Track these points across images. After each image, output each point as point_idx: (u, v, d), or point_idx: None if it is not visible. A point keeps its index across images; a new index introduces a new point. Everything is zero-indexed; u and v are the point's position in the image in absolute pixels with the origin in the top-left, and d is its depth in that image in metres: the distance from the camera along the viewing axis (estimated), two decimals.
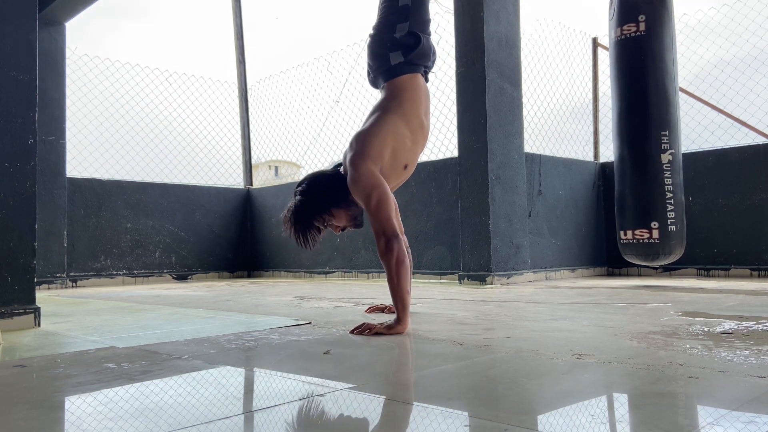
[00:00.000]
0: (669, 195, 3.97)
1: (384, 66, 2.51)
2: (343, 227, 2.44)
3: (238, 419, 1.12)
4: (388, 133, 2.39)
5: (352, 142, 2.41)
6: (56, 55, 5.98)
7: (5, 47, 2.50)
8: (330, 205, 2.36)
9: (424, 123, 2.54)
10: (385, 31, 2.53)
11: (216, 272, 7.06)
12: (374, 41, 2.57)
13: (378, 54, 2.53)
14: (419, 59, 2.51)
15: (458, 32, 4.91)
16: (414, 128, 2.48)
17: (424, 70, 2.58)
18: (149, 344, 1.99)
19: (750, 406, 1.11)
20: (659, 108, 4.00)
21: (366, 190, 2.26)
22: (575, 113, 6.24)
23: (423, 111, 2.53)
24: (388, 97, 2.49)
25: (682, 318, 2.34)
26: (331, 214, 2.38)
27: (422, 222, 5.38)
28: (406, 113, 2.45)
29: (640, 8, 4.02)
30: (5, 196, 2.45)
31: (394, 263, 2.18)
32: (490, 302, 3.17)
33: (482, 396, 1.24)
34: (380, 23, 2.57)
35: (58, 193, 5.89)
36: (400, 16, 2.51)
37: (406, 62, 2.48)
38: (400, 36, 2.49)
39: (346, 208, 2.38)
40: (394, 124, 2.41)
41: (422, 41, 2.51)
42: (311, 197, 2.36)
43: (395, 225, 2.24)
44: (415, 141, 2.50)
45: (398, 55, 2.48)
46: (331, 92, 7.00)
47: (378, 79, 2.56)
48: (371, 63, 2.57)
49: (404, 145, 2.43)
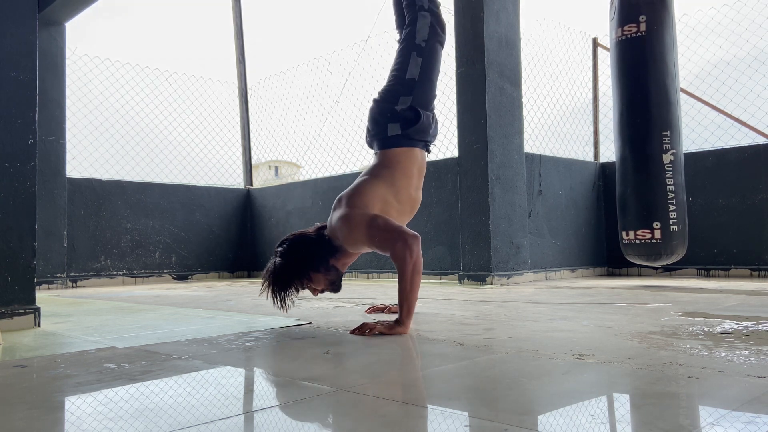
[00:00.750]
0: (671, 195, 3.97)
1: (381, 134, 2.51)
2: (321, 290, 2.41)
3: (238, 419, 1.12)
4: (376, 197, 2.38)
5: (337, 203, 2.40)
6: (56, 55, 5.98)
7: (5, 47, 2.50)
8: (310, 268, 2.32)
9: (413, 197, 2.53)
10: (388, 100, 2.53)
11: (216, 272, 7.06)
12: (376, 108, 2.56)
13: (377, 121, 2.53)
14: (417, 134, 2.50)
15: (458, 32, 4.91)
16: (402, 200, 2.47)
17: (424, 144, 2.58)
18: (149, 344, 1.99)
19: (750, 406, 1.10)
20: (660, 108, 4.00)
21: (363, 227, 2.25)
22: (575, 113, 6.24)
23: (414, 185, 2.53)
24: (380, 165, 2.49)
25: (683, 318, 2.34)
26: (310, 278, 2.34)
27: (422, 222, 5.38)
28: (395, 185, 2.44)
29: (640, 9, 4.02)
30: (5, 197, 2.45)
31: (410, 269, 2.14)
32: (490, 302, 3.17)
33: (482, 396, 1.24)
34: (385, 91, 2.57)
35: (58, 193, 5.89)
36: (404, 88, 2.51)
37: (403, 135, 2.48)
38: (400, 109, 2.49)
39: (326, 273, 2.35)
40: (382, 191, 2.41)
41: (422, 118, 2.49)
42: (292, 261, 2.32)
43: (407, 229, 2.23)
44: (402, 212, 2.49)
45: (396, 127, 2.48)
46: (331, 92, 7.00)
47: (374, 143, 2.57)
48: (370, 127, 2.58)
49: (390, 214, 2.40)
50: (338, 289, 2.42)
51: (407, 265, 2.14)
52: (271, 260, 2.37)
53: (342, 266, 2.43)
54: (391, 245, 2.19)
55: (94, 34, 46.64)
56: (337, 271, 2.39)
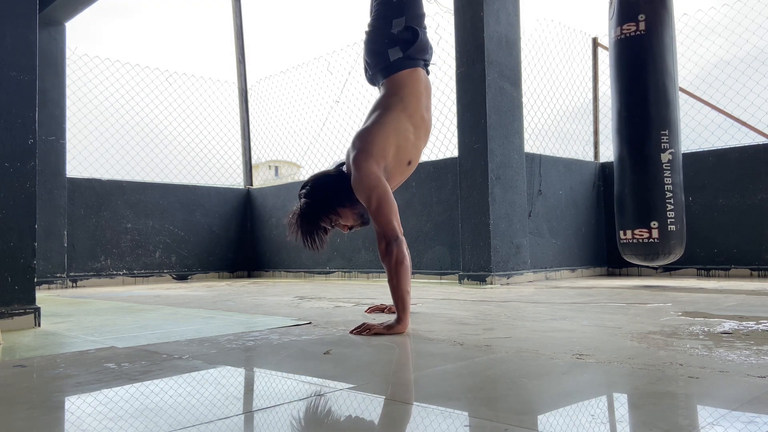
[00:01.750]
0: (669, 195, 3.97)
1: (383, 62, 2.49)
2: (350, 226, 2.43)
3: (238, 419, 1.12)
4: (391, 130, 2.38)
5: (355, 140, 2.39)
6: (56, 55, 5.98)
7: (5, 47, 2.50)
8: (336, 204, 2.34)
9: (425, 117, 2.52)
10: (382, 26, 2.51)
11: (216, 272, 7.06)
12: (371, 38, 2.55)
13: (376, 51, 2.51)
14: (418, 53, 2.50)
15: (458, 32, 4.91)
16: (416, 123, 2.47)
17: (424, 64, 2.56)
18: (149, 344, 1.99)
19: (750, 406, 1.11)
20: (659, 108, 4.00)
21: (367, 191, 2.25)
22: (575, 113, 6.24)
23: (424, 105, 2.52)
24: (388, 94, 2.47)
25: (682, 318, 2.34)
26: (338, 214, 2.36)
27: (422, 222, 5.38)
28: (407, 109, 2.43)
29: (640, 8, 4.02)
30: (5, 196, 2.45)
31: (393, 264, 2.18)
32: (490, 302, 3.17)
33: (482, 396, 1.24)
34: (376, 19, 2.55)
35: (58, 193, 5.89)
36: (395, 11, 2.50)
37: (405, 57, 2.46)
38: (397, 31, 2.47)
39: (352, 207, 2.36)
40: (396, 120, 2.40)
41: (420, 35, 2.49)
42: (317, 198, 2.34)
43: (396, 227, 2.23)
44: (418, 136, 2.49)
45: (397, 50, 2.46)
46: (331, 92, 7.00)
47: (377, 76, 2.54)
48: (369, 60, 2.55)
49: (407, 141, 2.42)
50: (368, 221, 2.41)
51: (390, 263, 2.19)
52: (296, 204, 2.38)
53: None
54: (377, 236, 2.24)
55: (94, 34, 46.14)
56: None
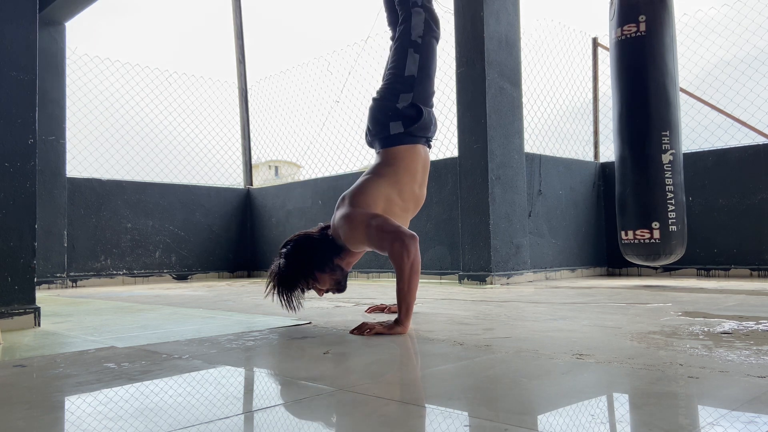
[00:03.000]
0: (670, 195, 3.97)
1: (383, 133, 2.50)
2: (326, 290, 2.40)
3: (238, 419, 1.12)
4: (379, 196, 2.38)
5: (340, 203, 2.40)
6: (56, 55, 5.98)
7: (5, 47, 2.50)
8: (315, 268, 2.31)
9: (417, 194, 2.53)
10: (388, 98, 2.51)
11: (216, 272, 7.06)
12: (376, 107, 2.55)
13: (378, 120, 2.52)
14: (419, 131, 2.50)
15: (458, 32, 4.91)
16: (406, 198, 2.47)
17: (426, 141, 2.57)
18: (149, 344, 1.99)
19: (750, 406, 1.11)
20: (660, 108, 4.00)
21: (363, 227, 2.24)
22: (575, 113, 6.24)
23: (418, 182, 2.52)
24: (383, 164, 2.48)
25: (682, 318, 2.34)
26: (315, 279, 2.33)
27: (422, 222, 5.38)
28: (399, 183, 2.44)
29: (640, 8, 4.02)
30: (5, 196, 2.45)
31: (408, 268, 2.13)
32: (490, 302, 3.17)
33: (482, 396, 1.24)
34: (384, 90, 2.55)
35: (58, 193, 5.89)
36: (404, 86, 2.50)
37: (405, 133, 2.47)
38: (402, 107, 2.48)
39: (331, 273, 2.34)
40: (385, 190, 2.40)
41: (424, 115, 2.49)
42: (296, 261, 2.31)
43: (405, 229, 2.22)
44: (406, 209, 2.49)
45: (398, 125, 2.47)
46: (331, 92, 7.00)
47: (375, 143, 2.56)
48: (371, 127, 2.56)
49: (393, 212, 2.40)
50: (344, 288, 2.41)
51: (405, 266, 2.13)
52: (275, 261, 2.37)
53: (347, 265, 2.42)
54: (389, 245, 2.18)
55: (94, 34, 46.31)
56: (342, 271, 2.39)
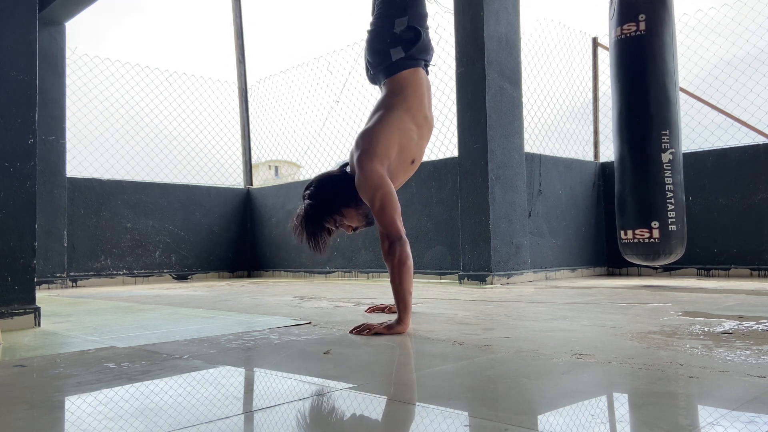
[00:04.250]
0: (669, 195, 3.97)
1: (385, 62, 2.49)
2: (355, 227, 2.42)
3: (238, 419, 1.12)
4: (395, 130, 2.38)
5: (358, 140, 2.38)
6: (56, 55, 5.98)
7: (5, 47, 2.50)
8: (341, 204, 2.33)
9: (428, 116, 2.53)
10: (384, 26, 2.51)
11: (216, 272, 7.06)
12: (373, 37, 2.54)
13: (378, 50, 2.51)
14: (420, 54, 2.50)
15: (458, 32, 4.91)
16: (419, 122, 2.47)
17: (425, 64, 2.56)
18: (149, 344, 1.99)
19: (750, 406, 1.11)
20: (659, 107, 4.00)
21: (371, 190, 2.24)
22: (575, 113, 6.24)
23: (427, 105, 2.52)
24: (391, 94, 2.47)
25: (682, 318, 2.34)
26: (342, 215, 2.35)
27: (422, 222, 5.38)
28: (410, 108, 2.44)
29: (640, 8, 4.02)
30: (5, 196, 2.45)
31: (396, 264, 2.16)
32: (490, 302, 3.17)
33: (482, 396, 1.24)
34: (378, 19, 2.54)
35: (58, 193, 5.89)
36: (398, 10, 2.50)
37: (407, 57, 2.46)
38: (399, 31, 2.47)
39: (357, 207, 2.35)
40: (399, 120, 2.40)
41: (422, 35, 2.49)
42: (321, 199, 2.33)
43: (399, 227, 2.22)
44: (421, 135, 2.49)
45: (399, 50, 2.46)
46: (331, 92, 7.00)
47: (378, 75, 2.54)
48: (371, 60, 2.55)
49: (411, 141, 2.42)
50: (373, 221, 2.38)
51: (393, 263, 2.17)
52: (300, 205, 2.38)
53: None
54: (381, 238, 2.22)
55: (95, 34, 46.19)
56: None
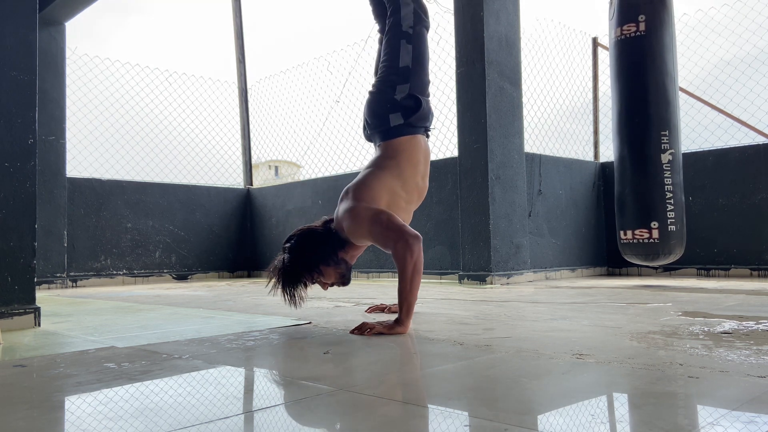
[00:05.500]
0: (669, 195, 3.97)
1: (383, 126, 2.49)
2: (331, 284, 2.40)
3: (238, 419, 1.12)
4: (383, 189, 2.37)
5: (344, 196, 2.39)
6: (56, 55, 5.98)
7: (5, 47, 2.50)
8: (319, 262, 2.31)
9: (420, 185, 2.52)
10: (385, 91, 2.51)
11: (216, 272, 7.06)
12: (374, 99, 2.54)
13: (377, 113, 2.51)
14: (419, 122, 2.50)
15: (458, 32, 4.91)
16: (409, 189, 2.47)
17: (425, 131, 2.57)
18: (149, 344, 1.99)
19: (750, 406, 1.11)
20: (659, 108, 4.00)
21: (369, 221, 2.24)
22: (575, 113, 6.24)
23: (421, 173, 2.52)
24: (384, 156, 2.47)
25: (682, 318, 2.34)
26: (320, 272, 2.32)
27: (422, 222, 5.38)
28: (402, 174, 2.43)
29: (640, 8, 4.02)
30: (5, 196, 2.45)
31: (411, 269, 2.14)
32: (490, 302, 3.17)
33: (482, 396, 1.24)
34: (380, 82, 2.55)
35: (58, 193, 5.89)
36: (400, 77, 2.50)
37: (406, 124, 2.47)
38: (400, 98, 2.48)
39: (335, 266, 2.34)
40: (389, 182, 2.40)
41: (422, 105, 2.50)
42: (300, 255, 2.30)
43: (410, 229, 2.22)
44: (410, 201, 2.49)
45: (398, 117, 2.46)
46: (331, 92, 7.00)
47: (375, 136, 2.55)
48: (369, 120, 2.55)
49: (398, 205, 2.40)
50: (348, 281, 2.40)
51: (407, 265, 2.14)
52: (279, 256, 2.36)
53: (351, 258, 2.42)
54: (393, 244, 2.18)
55: (95, 34, 46.40)
56: (347, 264, 2.38)
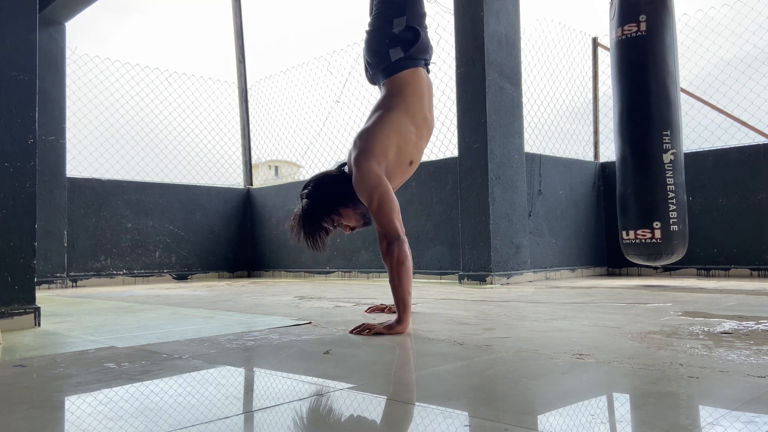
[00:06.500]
0: (671, 195, 3.97)
1: (384, 62, 2.48)
2: (352, 227, 2.41)
3: (238, 419, 1.12)
4: (392, 131, 2.37)
5: (356, 140, 2.38)
6: (56, 55, 5.98)
7: (5, 47, 2.50)
8: (338, 204, 2.33)
9: (428, 117, 2.51)
10: (383, 26, 2.50)
11: (216, 272, 7.06)
12: (372, 37, 2.53)
13: (377, 50, 2.50)
14: (419, 53, 2.49)
15: (458, 32, 4.91)
16: (419, 123, 2.46)
17: (425, 63, 2.55)
18: (149, 344, 1.99)
19: (750, 406, 1.10)
20: (660, 108, 4.00)
21: (368, 190, 2.24)
22: (575, 113, 6.24)
23: (427, 105, 2.51)
24: (390, 94, 2.46)
25: (682, 318, 2.34)
26: (340, 214, 2.35)
27: (422, 222, 5.38)
28: (409, 109, 2.43)
29: (640, 8, 4.02)
30: (5, 196, 2.45)
31: (394, 264, 2.16)
32: (490, 302, 3.17)
33: (482, 396, 1.24)
34: (376, 19, 2.53)
35: (58, 193, 5.89)
36: (396, 10, 2.49)
37: (406, 57, 2.45)
38: (398, 31, 2.46)
39: (354, 207, 2.35)
40: (398, 120, 2.39)
41: (421, 35, 2.48)
42: (318, 198, 2.32)
43: (397, 227, 2.22)
44: (420, 136, 2.48)
45: (398, 50, 2.45)
46: (331, 92, 7.00)
47: (378, 75, 2.53)
48: (370, 60, 2.54)
49: (409, 141, 2.41)
50: (370, 222, 2.39)
51: (391, 263, 2.17)
52: (297, 205, 2.37)
53: None
54: (379, 236, 2.22)
55: (95, 34, 46.42)
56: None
